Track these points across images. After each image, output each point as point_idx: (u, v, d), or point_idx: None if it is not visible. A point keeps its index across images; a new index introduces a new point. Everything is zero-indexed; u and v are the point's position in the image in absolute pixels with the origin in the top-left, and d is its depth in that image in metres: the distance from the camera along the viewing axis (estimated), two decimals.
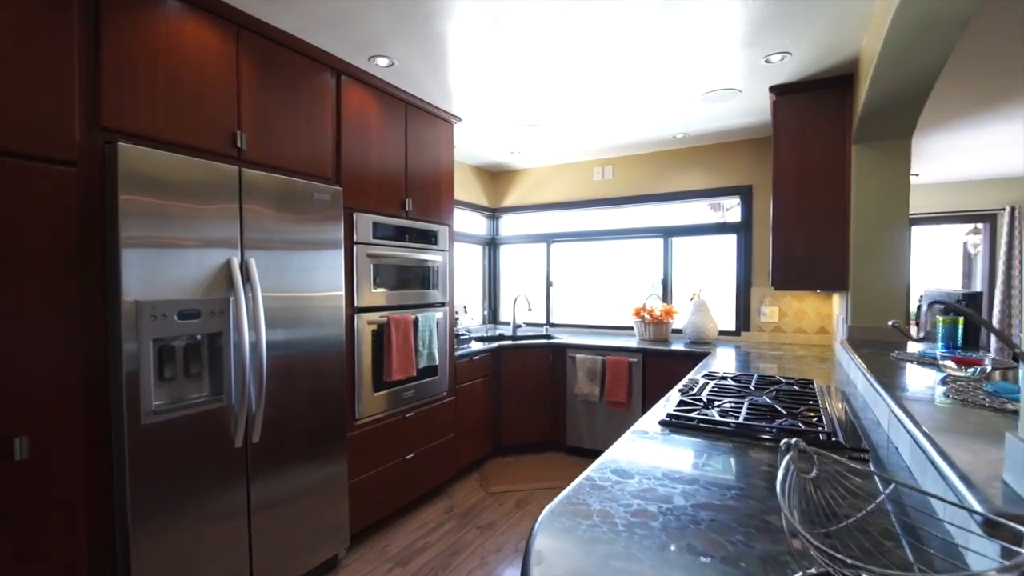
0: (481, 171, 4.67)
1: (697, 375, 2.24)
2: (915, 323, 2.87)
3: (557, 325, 4.58)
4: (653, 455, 1.25)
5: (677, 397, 1.77)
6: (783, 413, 1.50)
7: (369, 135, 2.58)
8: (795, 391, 1.81)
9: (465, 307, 4.34)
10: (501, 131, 3.56)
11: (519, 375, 3.77)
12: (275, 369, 1.99)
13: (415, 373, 2.79)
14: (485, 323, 4.79)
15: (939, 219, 5.32)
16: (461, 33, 2.18)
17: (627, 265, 4.35)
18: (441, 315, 3.04)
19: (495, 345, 3.73)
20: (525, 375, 3.78)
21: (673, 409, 1.58)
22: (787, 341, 3.57)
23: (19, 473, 1.36)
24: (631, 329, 4.10)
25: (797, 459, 0.74)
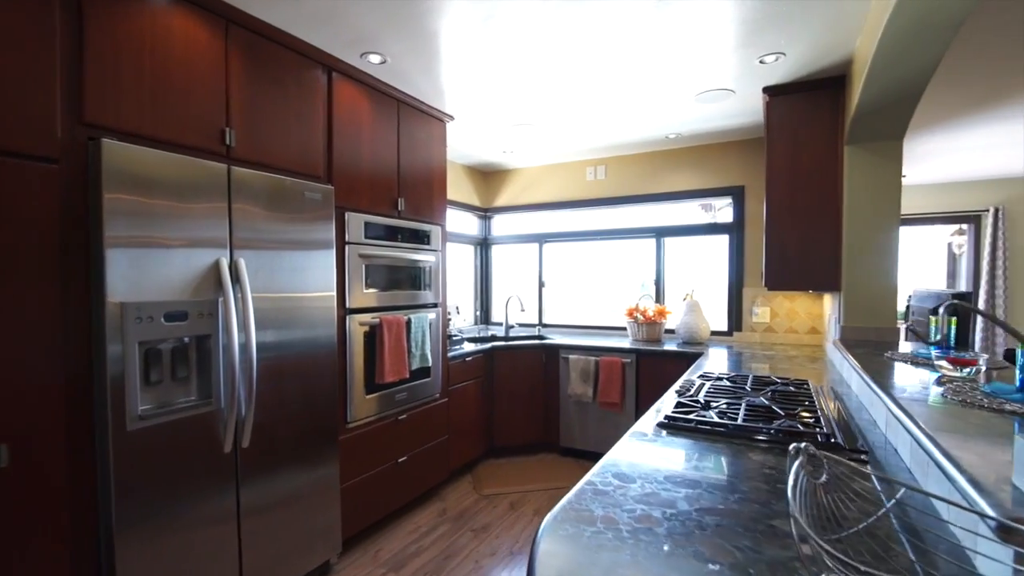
0: (473, 171, 4.64)
1: (692, 376, 2.23)
2: (904, 323, 2.91)
3: (550, 326, 4.56)
4: (653, 458, 1.24)
5: (674, 398, 1.76)
6: (781, 414, 1.49)
7: (361, 133, 2.54)
8: (791, 392, 1.81)
9: (457, 308, 4.31)
10: (493, 130, 3.53)
11: (512, 376, 3.74)
12: (265, 372, 1.95)
13: (408, 375, 2.76)
14: (477, 324, 4.76)
15: (925, 220, 5.40)
16: (454, 31, 2.15)
17: (619, 265, 4.34)
18: (434, 316, 3.01)
19: (488, 346, 3.70)
20: (518, 376, 3.75)
21: (671, 411, 1.57)
22: (778, 341, 3.59)
23: (0, 481, 1.32)
24: (624, 330, 4.10)
25: (807, 463, 0.73)
